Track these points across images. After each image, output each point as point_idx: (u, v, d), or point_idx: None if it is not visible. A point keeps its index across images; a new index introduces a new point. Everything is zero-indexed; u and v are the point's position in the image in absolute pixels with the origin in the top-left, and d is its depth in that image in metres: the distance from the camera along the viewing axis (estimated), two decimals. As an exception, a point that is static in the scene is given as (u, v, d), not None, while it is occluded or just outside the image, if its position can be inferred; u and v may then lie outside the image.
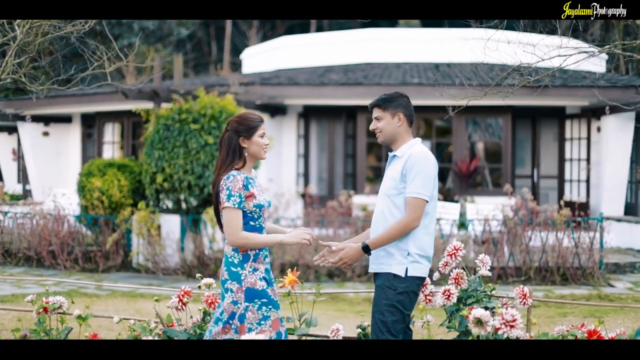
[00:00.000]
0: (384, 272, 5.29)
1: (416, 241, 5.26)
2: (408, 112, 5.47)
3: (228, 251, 5.16)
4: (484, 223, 13.58)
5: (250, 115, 5.30)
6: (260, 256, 5.18)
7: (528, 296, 5.72)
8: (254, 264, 5.13)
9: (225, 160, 5.19)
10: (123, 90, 14.80)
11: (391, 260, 5.27)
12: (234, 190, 5.05)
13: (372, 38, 21.87)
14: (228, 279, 5.11)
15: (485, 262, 5.73)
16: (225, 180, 5.08)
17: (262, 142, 5.24)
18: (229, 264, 5.14)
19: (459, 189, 18.13)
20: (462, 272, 5.68)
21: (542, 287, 12.65)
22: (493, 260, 13.00)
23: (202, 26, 44.13)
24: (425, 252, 5.33)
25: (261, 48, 24.98)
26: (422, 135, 19.86)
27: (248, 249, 5.12)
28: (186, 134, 14.03)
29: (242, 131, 5.22)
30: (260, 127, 5.25)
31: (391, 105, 5.42)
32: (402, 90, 16.34)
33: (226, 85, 17.44)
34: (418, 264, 5.28)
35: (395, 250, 5.27)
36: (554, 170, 19.67)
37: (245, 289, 5.06)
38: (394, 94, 5.50)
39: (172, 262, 14.06)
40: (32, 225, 14.98)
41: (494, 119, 19.50)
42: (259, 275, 5.13)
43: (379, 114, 5.46)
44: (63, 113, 21.64)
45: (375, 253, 5.34)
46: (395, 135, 5.45)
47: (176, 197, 14.33)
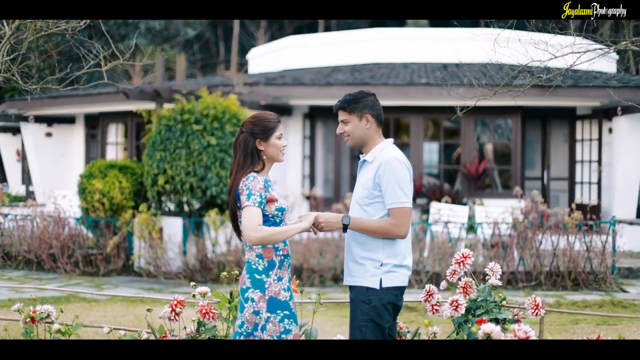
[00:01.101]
0: (357, 285, 4.98)
1: (389, 249, 4.96)
2: (376, 111, 5.13)
3: (251, 257, 4.86)
4: (493, 226, 13.27)
5: (266, 116, 5.02)
6: (285, 264, 4.91)
7: (541, 307, 5.47)
8: (279, 272, 4.85)
9: (242, 164, 4.91)
10: (124, 90, 14.53)
11: (363, 272, 4.96)
12: (254, 190, 4.76)
13: (379, 38, 21.59)
14: (250, 287, 4.81)
15: (496, 271, 5.44)
16: (245, 180, 4.80)
17: (280, 144, 4.98)
18: (252, 271, 4.83)
19: (468, 191, 17.84)
20: (471, 281, 5.40)
21: (553, 292, 12.33)
22: (502, 265, 12.71)
23: (209, 27, 43.94)
24: (401, 260, 4.99)
25: (267, 48, 24.72)
26: (429, 137, 19.58)
27: (273, 255, 4.84)
28: (188, 135, 13.74)
29: (258, 133, 4.94)
30: (277, 128, 4.98)
31: (357, 106, 5.09)
32: (410, 91, 16.13)
33: (230, 85, 17.17)
34: (393, 273, 4.95)
35: (367, 262, 4.96)
36: (564, 172, 19.34)
37: (268, 298, 4.77)
38: (358, 94, 5.15)
39: (174, 266, 13.76)
40: (32, 227, 14.70)
41: (503, 120, 19.21)
42: (283, 285, 4.85)
43: (345, 117, 5.13)
44: (66, 114, 21.42)
45: (347, 264, 5.08)
46: (364, 139, 5.12)
47: (178, 199, 14.03)
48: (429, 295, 5.46)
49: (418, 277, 12.82)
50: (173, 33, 38.91)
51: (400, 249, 4.98)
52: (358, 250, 5.01)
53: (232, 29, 41.91)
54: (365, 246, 4.98)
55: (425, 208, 16.97)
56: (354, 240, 5.02)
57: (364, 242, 4.98)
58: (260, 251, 4.84)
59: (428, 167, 19.80)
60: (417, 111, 18.28)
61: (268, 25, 42.39)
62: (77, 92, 19.41)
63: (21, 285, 12.64)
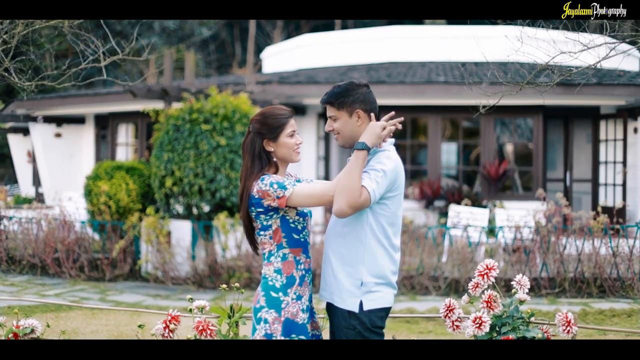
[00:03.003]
0: (336, 306, 4.38)
1: (370, 265, 4.36)
2: (368, 105, 4.54)
3: (268, 273, 4.34)
4: (514, 230, 12.73)
5: (274, 111, 4.43)
6: (307, 279, 4.37)
7: (573, 323, 4.93)
8: (299, 289, 4.32)
9: (251, 168, 4.37)
10: (131, 89, 14.06)
11: (341, 291, 4.35)
12: (280, 180, 4.24)
13: (396, 36, 21.06)
14: (264, 306, 4.29)
15: (524, 284, 4.90)
16: (261, 182, 4.25)
17: (292, 142, 4.41)
18: (268, 288, 4.31)
19: (488, 193, 17.29)
20: (495, 295, 4.86)
21: (577, 299, 11.76)
22: (525, 271, 12.18)
23: (225, 27, 43.65)
24: (385, 277, 4.40)
25: (281, 47, 24.27)
26: (448, 137, 19.06)
27: (294, 270, 4.31)
28: (197, 135, 13.23)
29: (265, 133, 4.39)
30: (287, 124, 4.40)
31: (346, 101, 4.48)
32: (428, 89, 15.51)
33: (242, 84, 16.69)
34: (375, 293, 4.36)
35: (345, 278, 4.35)
36: (587, 173, 18.75)
37: (284, 320, 4.26)
38: (348, 86, 4.52)
39: (182, 271, 13.26)
40: (37, 231, 14.22)
41: (523, 120, 18.67)
42: (302, 304, 4.32)
43: (334, 113, 4.52)
44: (76, 114, 21.03)
45: (325, 277, 4.47)
46: (356, 137, 4.49)
47: (187, 202, 13.52)
48: (449, 311, 4.92)
49: (436, 284, 12.30)
50: (188, 33, 38.63)
51: (386, 265, 4.41)
52: (336, 262, 4.41)
53: (248, 29, 41.55)
54: (345, 259, 4.38)
55: (444, 211, 16.43)
56: (332, 250, 4.44)
57: (344, 255, 4.39)
58: (280, 265, 4.34)
59: (446, 168, 19.28)
60: (435, 110, 17.77)
61: (284, 25, 42.01)
62: (86, 92, 19.08)
63: (22, 290, 12.21)
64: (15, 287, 12.52)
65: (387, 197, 4.37)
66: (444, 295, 12.03)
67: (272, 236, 4.39)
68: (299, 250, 4.39)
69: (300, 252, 4.40)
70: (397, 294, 12.03)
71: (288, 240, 4.36)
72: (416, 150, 19.01)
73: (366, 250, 4.35)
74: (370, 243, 4.36)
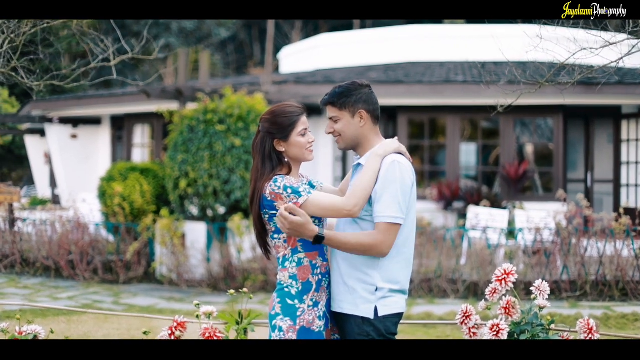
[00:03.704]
0: (349, 314, 4.17)
1: (385, 271, 4.16)
2: (371, 106, 4.33)
3: (283, 279, 4.15)
4: (534, 232, 12.48)
5: (284, 109, 4.22)
6: (324, 284, 4.16)
7: (595, 330, 4.70)
8: (316, 295, 4.13)
9: (262, 170, 4.17)
10: (145, 89, 13.92)
11: (355, 298, 4.15)
12: (294, 184, 4.04)
13: (414, 36, 20.83)
14: (280, 313, 4.11)
15: (543, 290, 4.68)
16: (273, 184, 4.06)
17: (303, 141, 4.19)
18: (283, 295, 4.12)
19: (507, 194, 17.04)
20: (514, 301, 4.64)
21: (599, 303, 11.51)
22: (545, 273, 11.94)
23: (244, 28, 43.55)
24: (399, 283, 4.21)
25: (299, 47, 24.11)
26: (467, 137, 18.81)
27: (310, 275, 4.11)
28: (211, 136, 13.04)
29: (275, 132, 4.18)
30: (297, 122, 4.18)
31: (349, 100, 4.27)
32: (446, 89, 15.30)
33: (257, 84, 16.52)
34: (390, 298, 4.16)
35: (359, 285, 4.15)
36: (609, 174, 18.45)
37: (300, 328, 4.07)
38: (350, 86, 4.31)
39: (197, 274, 13.08)
40: (51, 233, 14.08)
41: (543, 120, 18.40)
42: (319, 311, 4.12)
43: (335, 114, 4.31)
44: (92, 115, 20.92)
45: (335, 287, 4.25)
46: (358, 139, 4.32)
47: (201, 203, 13.33)
48: (465, 317, 4.72)
49: (455, 287, 12.08)
50: (206, 34, 38.59)
51: (400, 271, 4.22)
52: (348, 269, 4.20)
53: (266, 30, 41.45)
54: (357, 265, 4.18)
55: (463, 212, 16.19)
56: (343, 257, 4.22)
57: (356, 260, 4.18)
58: (295, 270, 4.14)
59: (465, 169, 19.02)
60: (454, 111, 17.54)
61: (303, 26, 41.87)
62: (101, 92, 18.98)
63: (35, 293, 12.09)
64: (29, 290, 12.39)
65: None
66: (463, 298, 11.81)
67: (286, 239, 4.21)
68: (315, 254, 4.20)
69: (317, 255, 4.21)
70: (415, 297, 11.83)
71: (303, 243, 4.16)
72: (435, 151, 18.76)
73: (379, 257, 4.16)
74: None
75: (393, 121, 18.27)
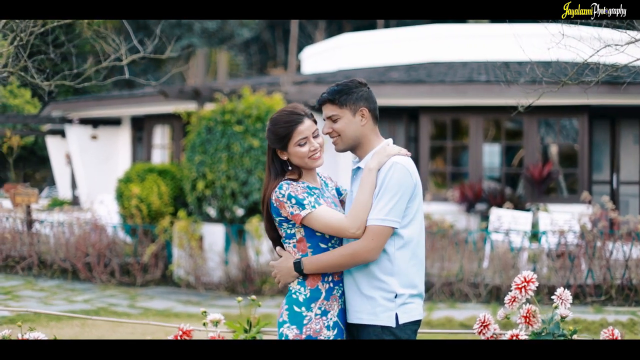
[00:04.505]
0: (368, 324, 3.94)
1: (402, 276, 3.93)
2: (372, 104, 4.12)
3: (292, 284, 3.97)
4: (558, 235, 12.21)
5: (281, 118, 4.00)
6: (336, 292, 3.95)
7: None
8: (325, 304, 3.92)
9: (268, 177, 4.05)
10: (162, 89, 13.78)
11: (374, 307, 3.91)
12: (299, 194, 3.86)
13: (436, 35, 20.57)
14: (287, 321, 3.92)
15: (565, 298, 4.45)
16: (278, 191, 3.89)
17: (302, 151, 3.97)
18: (291, 302, 3.94)
19: (531, 196, 16.76)
20: (534, 310, 4.42)
21: (625, 308, 11.23)
22: (569, 277, 11.67)
23: (267, 29, 43.46)
24: (416, 287, 3.99)
25: (321, 47, 23.91)
26: (490, 138, 18.54)
27: (319, 282, 3.91)
28: (229, 137, 12.87)
29: (273, 142, 4.00)
30: (293, 132, 3.95)
31: (350, 98, 4.03)
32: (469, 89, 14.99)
33: (277, 84, 16.34)
34: (410, 305, 3.95)
35: (377, 293, 3.92)
36: (635, 175, 18.14)
37: (305, 337, 3.88)
38: (350, 83, 4.07)
39: (214, 277, 12.91)
40: (68, 234, 13.96)
41: (568, 120, 18.10)
42: (328, 320, 3.91)
43: (335, 112, 4.05)
44: (111, 115, 20.83)
45: (351, 298, 4.01)
46: (359, 139, 4.09)
47: (219, 205, 13.15)
48: (483, 327, 4.50)
49: (477, 291, 11.84)
50: (228, 34, 38.52)
51: (416, 275, 4.00)
52: (363, 278, 3.97)
53: (290, 31, 41.34)
54: (373, 273, 3.94)
55: (485, 214, 15.92)
56: (357, 266, 3.98)
57: (370, 268, 3.95)
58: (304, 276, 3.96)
59: (488, 170, 18.74)
60: (477, 111, 17.28)
61: (327, 26, 41.73)
62: (121, 93, 18.87)
63: (51, 296, 11.96)
64: (44, 293, 12.27)
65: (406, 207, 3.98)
66: (485, 302, 11.58)
67: (295, 245, 4.04)
68: None
69: None
70: (436, 301, 11.60)
71: (314, 250, 3.98)
72: (457, 152, 18.50)
73: (395, 261, 3.95)
74: (397, 253, 3.96)
75: (415, 122, 18.03)
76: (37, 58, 7.43)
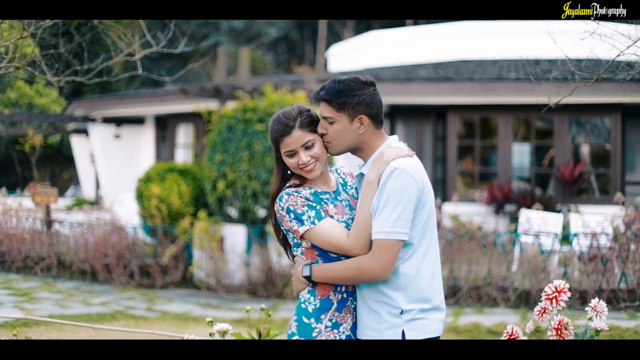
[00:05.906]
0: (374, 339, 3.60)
1: (409, 291, 3.55)
2: (374, 109, 3.65)
3: (302, 293, 3.65)
4: (590, 238, 11.79)
5: (273, 124, 3.68)
6: (349, 304, 3.63)
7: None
8: (336, 315, 3.61)
9: (276, 176, 3.74)
10: (183, 87, 13.52)
11: (379, 323, 3.55)
12: (298, 208, 3.52)
13: (465, 32, 20.16)
14: (295, 333, 3.62)
15: (600, 311, 4.07)
16: (279, 202, 3.58)
17: (291, 163, 3.63)
18: (300, 312, 3.63)
19: (562, 197, 16.33)
20: (566, 322, 4.05)
21: (660, 314, 10.82)
22: (602, 281, 11.25)
23: (296, 28, 43.26)
24: (430, 301, 3.60)
25: (348, 45, 23.61)
26: (520, 137, 18.12)
27: (330, 292, 3.60)
28: (251, 136, 12.55)
29: (272, 144, 3.70)
30: (280, 144, 3.64)
31: (349, 102, 3.59)
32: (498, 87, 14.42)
33: (301, 82, 16.02)
34: (421, 320, 3.55)
35: (382, 308, 3.55)
36: (669, 176, 17.70)
37: None
38: (352, 82, 3.60)
39: (235, 279, 12.59)
40: (87, 235, 13.70)
41: (600, 119, 17.65)
42: (340, 334, 3.61)
43: (331, 114, 3.63)
44: (135, 114, 20.62)
45: (359, 312, 3.66)
46: (355, 145, 3.69)
47: (240, 205, 12.83)
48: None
49: (505, 295, 11.45)
50: (255, 33, 38.32)
51: (427, 287, 3.60)
52: (370, 291, 3.60)
53: (318, 30, 41.06)
54: (377, 286, 3.57)
55: (514, 216, 15.50)
56: None
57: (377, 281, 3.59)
58: (314, 285, 3.65)
59: (518, 170, 18.32)
60: (506, 109, 16.86)
61: (355, 24, 41.46)
62: (144, 91, 18.67)
63: (68, 298, 11.70)
64: (61, 295, 12.02)
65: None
66: (513, 307, 11.19)
67: (304, 252, 3.72)
68: None
69: None
70: (463, 306, 11.24)
71: (324, 259, 3.66)
72: (486, 152, 18.12)
73: (400, 274, 3.58)
74: (403, 266, 3.59)
75: (443, 120, 17.67)
76: (45, 53, 7.16)
